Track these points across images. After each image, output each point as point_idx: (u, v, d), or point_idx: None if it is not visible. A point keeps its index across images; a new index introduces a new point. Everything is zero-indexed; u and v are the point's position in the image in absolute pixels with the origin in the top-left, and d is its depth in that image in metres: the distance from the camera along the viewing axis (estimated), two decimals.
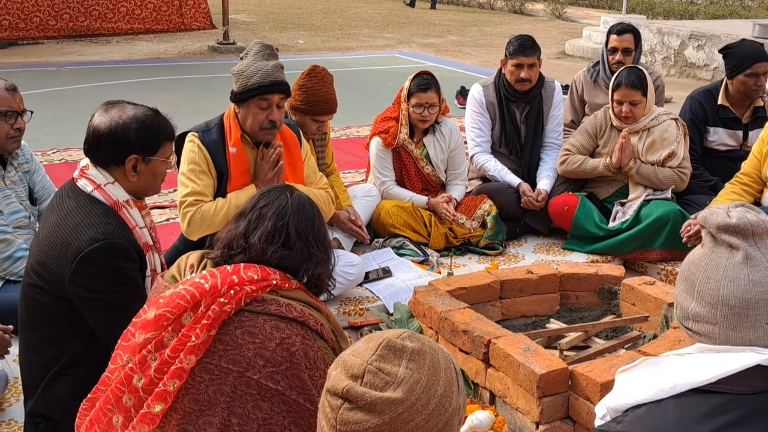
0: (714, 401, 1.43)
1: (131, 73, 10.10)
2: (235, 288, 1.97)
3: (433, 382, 1.36)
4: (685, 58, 10.36)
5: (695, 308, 1.52)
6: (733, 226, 1.50)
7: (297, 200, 2.17)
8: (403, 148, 4.44)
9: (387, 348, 1.37)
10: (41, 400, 2.54)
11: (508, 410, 2.74)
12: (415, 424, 1.32)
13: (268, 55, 3.36)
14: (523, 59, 4.58)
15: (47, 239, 2.53)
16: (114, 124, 2.57)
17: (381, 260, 4.03)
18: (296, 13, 17.50)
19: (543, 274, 3.41)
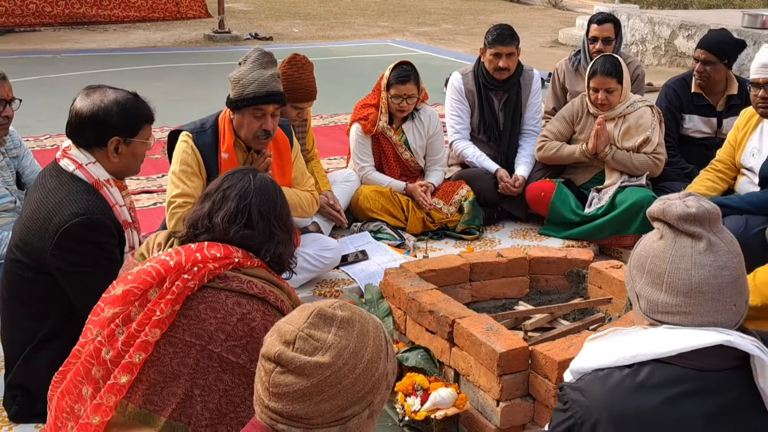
0: (671, 373, 1.52)
1: (127, 61, 10.16)
2: (198, 265, 2.07)
3: (361, 348, 1.46)
4: (675, 47, 10.42)
5: (666, 299, 1.57)
6: (694, 215, 1.57)
7: (260, 182, 2.26)
8: (382, 135, 4.53)
9: (318, 316, 1.47)
10: (20, 373, 2.65)
11: (471, 388, 2.83)
12: (341, 386, 1.43)
13: (266, 63, 3.37)
14: (502, 48, 4.66)
15: (30, 216, 2.64)
16: (96, 107, 2.68)
17: (358, 244, 4.13)
18: (293, 1, 17.52)
19: (513, 258, 3.51)
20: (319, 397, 1.42)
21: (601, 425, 1.54)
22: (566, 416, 1.61)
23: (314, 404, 1.42)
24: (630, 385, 1.54)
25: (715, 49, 4.64)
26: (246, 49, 12.29)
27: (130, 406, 2.06)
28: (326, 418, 1.43)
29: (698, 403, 1.51)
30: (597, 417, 1.54)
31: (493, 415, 2.71)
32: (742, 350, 1.52)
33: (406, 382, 2.82)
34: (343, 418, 1.44)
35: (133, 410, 2.05)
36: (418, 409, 2.75)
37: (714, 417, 1.50)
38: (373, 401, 1.48)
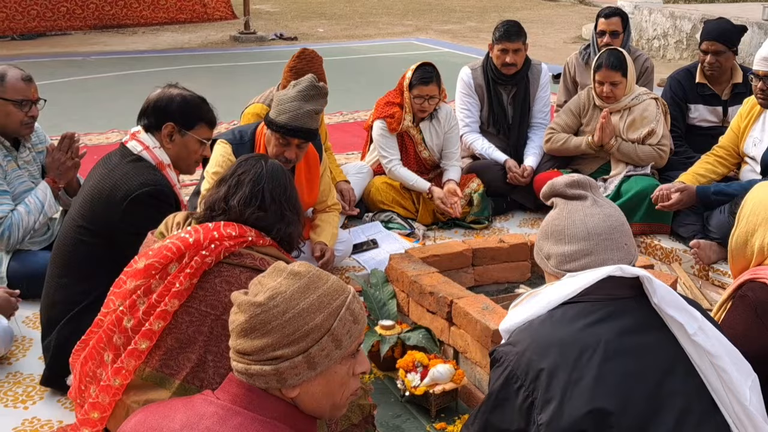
0: (581, 307, 1.80)
1: (155, 62, 10.42)
2: (215, 243, 2.28)
3: (298, 297, 1.64)
4: (697, 41, 10.42)
5: (570, 249, 1.87)
6: (576, 180, 1.93)
7: (271, 168, 2.47)
8: (406, 133, 4.68)
9: (274, 268, 1.71)
10: (63, 332, 2.84)
11: (468, 365, 3.00)
12: (271, 326, 1.62)
13: (312, 96, 3.44)
14: (509, 45, 4.82)
15: (95, 186, 2.88)
16: (163, 95, 2.98)
17: (369, 233, 4.32)
18: (318, 2, 17.75)
19: (514, 243, 3.66)
20: (253, 334, 1.62)
21: (534, 363, 1.74)
22: (502, 369, 1.81)
23: (250, 340, 1.62)
24: (549, 323, 1.81)
25: (723, 38, 4.73)
26: (272, 50, 12.47)
27: (147, 370, 2.26)
28: (259, 355, 1.61)
29: (610, 326, 1.77)
30: (529, 357, 1.75)
31: None
32: (636, 279, 1.79)
33: (407, 359, 2.99)
34: (274, 358, 1.61)
35: (150, 373, 2.26)
36: (418, 385, 2.91)
37: (626, 333, 1.76)
38: (311, 350, 1.62)
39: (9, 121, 3.71)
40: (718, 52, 4.73)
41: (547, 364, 1.74)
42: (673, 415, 1.70)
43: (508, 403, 1.79)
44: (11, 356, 3.24)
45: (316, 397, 1.67)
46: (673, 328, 1.78)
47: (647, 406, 1.70)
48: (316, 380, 1.65)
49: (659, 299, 1.77)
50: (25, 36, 11.82)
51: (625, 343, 1.75)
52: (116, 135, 6.83)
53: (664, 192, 4.23)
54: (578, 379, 1.71)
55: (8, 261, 3.67)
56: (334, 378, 1.68)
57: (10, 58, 10.18)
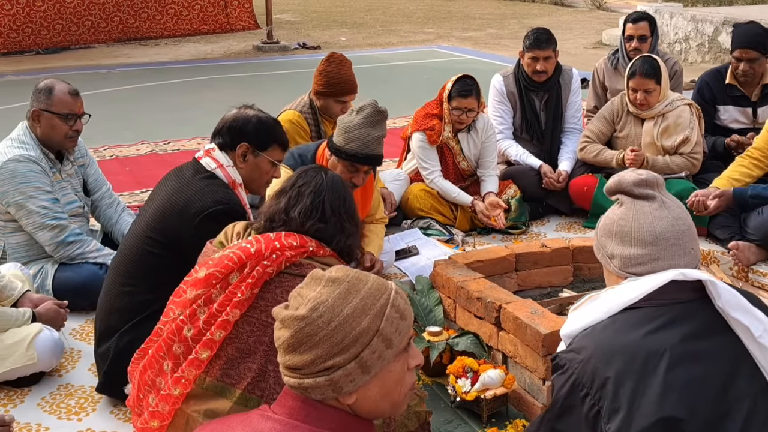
0: (644, 313, 1.77)
1: (179, 73, 10.52)
2: (276, 253, 2.29)
3: (340, 304, 1.59)
4: (719, 44, 10.42)
5: (636, 252, 1.85)
6: (645, 180, 1.88)
7: (331, 180, 2.49)
8: (445, 145, 4.69)
9: (311, 277, 1.67)
10: (123, 340, 2.86)
11: (518, 369, 3.01)
12: (318, 338, 1.57)
13: (377, 122, 3.46)
14: (539, 53, 4.84)
15: (167, 199, 2.92)
16: (239, 115, 3.04)
17: (409, 240, 4.33)
18: (339, 11, 17.84)
19: (556, 248, 3.67)
20: (302, 348, 1.58)
21: (600, 371, 1.73)
22: (567, 376, 1.79)
23: (299, 354, 1.58)
24: (612, 329, 1.78)
25: (756, 45, 4.71)
26: (296, 59, 12.55)
27: (207, 380, 2.28)
28: (311, 368, 1.58)
29: (674, 332, 1.74)
30: (594, 365, 1.74)
31: (540, 393, 2.88)
32: (698, 282, 1.77)
33: (457, 365, 3.00)
34: (326, 368, 1.57)
35: (210, 383, 2.28)
36: (469, 390, 2.92)
37: (690, 338, 1.74)
38: (362, 355, 1.58)
39: (54, 134, 3.76)
40: (752, 59, 4.72)
41: (612, 373, 1.72)
42: (740, 417, 1.69)
43: (575, 411, 1.79)
44: (61, 368, 3.27)
45: (375, 400, 1.64)
46: (738, 331, 1.77)
47: (715, 411, 1.69)
48: (372, 383, 1.62)
49: (723, 302, 1.76)
50: (50, 50, 11.95)
51: (689, 349, 1.73)
52: (146, 146, 6.89)
53: (701, 199, 4.21)
54: (645, 388, 1.70)
55: (54, 273, 3.71)
56: (390, 377, 1.64)
57: (38, 72, 10.33)
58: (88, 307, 3.67)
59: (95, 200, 4.11)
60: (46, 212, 3.67)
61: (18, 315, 3.12)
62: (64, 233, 3.71)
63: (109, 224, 4.13)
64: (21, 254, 3.76)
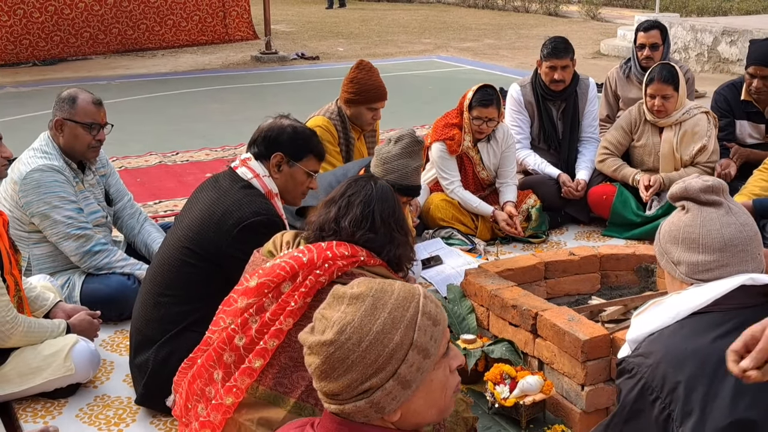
0: (712, 317, 1.78)
1: (178, 84, 10.51)
2: (329, 262, 2.29)
3: (367, 322, 1.51)
4: (718, 53, 10.52)
5: (704, 258, 1.85)
6: (711, 186, 1.89)
7: (381, 189, 2.49)
8: (465, 155, 4.70)
9: (332, 296, 1.58)
10: (162, 351, 2.84)
11: (555, 375, 3.02)
12: (350, 361, 1.49)
13: (415, 152, 3.45)
14: (557, 62, 4.88)
15: (205, 210, 2.90)
16: (275, 125, 3.06)
17: (431, 249, 4.34)
18: (333, 21, 17.88)
19: (584, 255, 3.69)
20: (335, 374, 1.49)
21: (670, 375, 1.74)
22: (635, 380, 1.79)
23: (334, 380, 1.50)
24: (681, 334, 1.78)
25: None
26: (295, 69, 12.52)
27: (260, 389, 2.28)
28: (348, 393, 1.50)
29: None
30: (664, 369, 1.75)
31: (579, 399, 2.90)
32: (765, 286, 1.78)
33: (495, 372, 3.01)
34: (365, 391, 1.49)
35: (263, 392, 2.28)
36: (507, 396, 2.93)
37: None
38: (399, 371, 1.50)
39: (77, 144, 3.75)
40: (766, 76, 4.73)
41: (683, 377, 1.73)
42: None
43: (643, 415, 1.80)
44: (96, 380, 3.25)
45: (421, 411, 1.57)
46: None
47: None
48: (415, 396, 1.54)
49: None
50: (47, 62, 11.91)
51: None
52: (155, 158, 6.88)
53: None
54: (718, 392, 1.71)
55: (81, 284, 3.70)
56: (433, 386, 1.57)
57: (36, 84, 10.31)
58: (117, 318, 3.67)
59: (117, 210, 4.10)
60: (71, 222, 3.66)
61: (53, 326, 3.10)
62: (89, 243, 3.69)
63: (131, 234, 4.12)
64: (46, 265, 3.74)
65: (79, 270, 3.74)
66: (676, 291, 1.92)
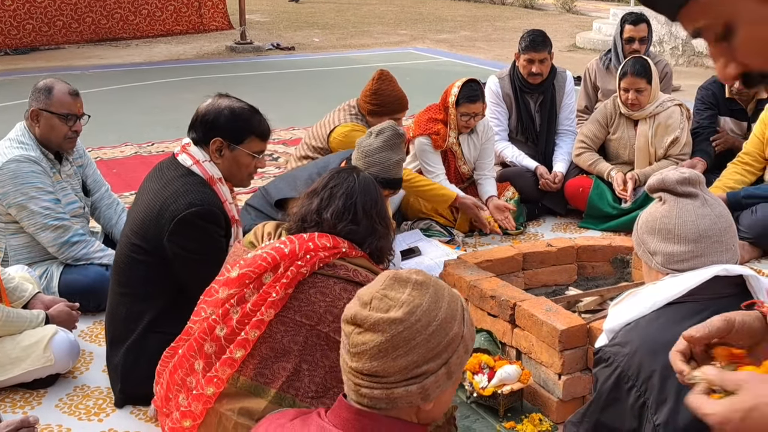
0: (688, 307, 1.83)
1: (154, 74, 10.42)
2: (310, 253, 2.30)
3: (434, 308, 1.56)
4: (692, 47, 10.63)
5: (680, 249, 1.89)
6: (688, 178, 1.93)
7: (363, 181, 2.50)
8: (449, 149, 4.72)
9: (393, 279, 1.61)
10: (129, 357, 2.87)
11: (533, 365, 3.06)
12: (415, 342, 1.53)
13: (396, 145, 3.42)
14: (535, 55, 4.90)
15: (147, 203, 2.86)
16: (211, 108, 2.93)
17: (410, 241, 4.36)
18: (309, 12, 17.82)
19: (561, 247, 3.73)
20: (395, 353, 1.51)
21: (646, 364, 1.78)
22: (612, 369, 1.83)
23: (391, 360, 1.51)
24: (657, 324, 1.82)
25: None
26: (269, 60, 12.45)
27: (241, 379, 2.29)
28: (403, 374, 1.52)
29: None
30: (640, 358, 1.79)
31: (556, 388, 2.94)
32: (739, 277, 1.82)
33: (473, 362, 3.04)
34: (419, 375, 1.52)
35: (244, 382, 2.29)
36: (486, 386, 2.97)
37: None
38: (450, 360, 1.56)
39: (53, 135, 3.72)
40: None
41: (659, 366, 1.76)
42: None
43: (619, 403, 1.83)
44: (74, 370, 3.24)
45: (444, 405, 1.61)
46: None
47: None
48: (449, 389, 1.60)
49: (765, 297, 1.81)
50: (18, 51, 11.75)
51: None
52: (131, 148, 6.84)
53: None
54: None
55: (59, 275, 3.68)
56: (458, 382, 1.64)
57: (8, 73, 10.18)
58: (95, 309, 3.65)
59: (95, 201, 4.08)
60: (49, 213, 3.63)
61: (32, 317, 3.09)
62: (67, 234, 3.67)
63: (109, 225, 4.10)
64: (23, 256, 3.71)
65: (57, 261, 3.72)
66: (653, 281, 1.96)
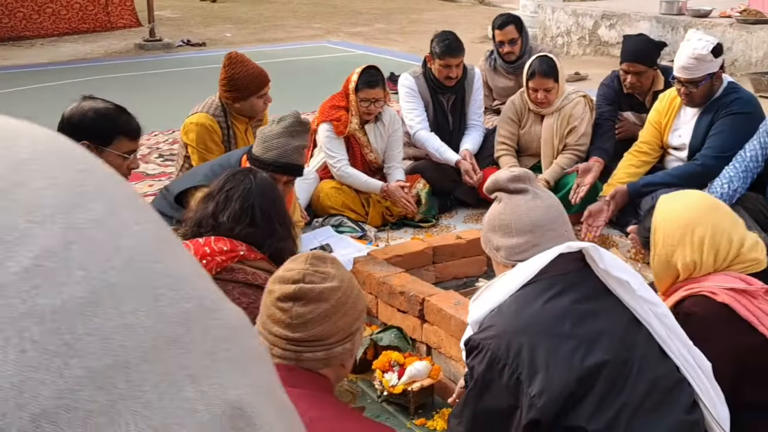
0: (540, 285, 1.95)
1: (59, 75, 10.05)
2: (207, 258, 2.25)
3: (351, 278, 1.80)
4: (599, 37, 10.86)
5: (518, 241, 2.03)
6: (518, 175, 2.08)
7: (260, 183, 2.45)
8: (353, 136, 4.70)
9: (314, 257, 1.78)
10: None
11: (443, 360, 3.06)
12: (349, 304, 1.74)
13: (297, 132, 3.37)
14: (451, 60, 4.86)
15: None
16: (76, 110, 2.82)
17: (321, 238, 4.31)
18: (221, 7, 17.52)
19: (471, 239, 3.76)
20: (336, 316, 1.71)
21: (513, 341, 1.87)
22: (483, 354, 1.91)
23: (332, 323, 1.71)
24: (517, 304, 1.93)
25: (643, 59, 4.78)
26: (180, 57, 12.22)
27: None
28: (342, 334, 1.72)
29: (570, 296, 1.93)
30: (508, 338, 1.88)
31: None
32: (580, 252, 1.95)
33: (383, 360, 3.02)
34: (351, 333, 1.76)
35: None
36: (396, 384, 2.95)
37: (584, 300, 1.93)
38: (363, 322, 1.84)
39: None
40: (639, 72, 4.80)
41: (525, 341, 1.86)
42: (637, 363, 1.87)
43: (494, 384, 1.90)
44: None
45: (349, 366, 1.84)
46: (618, 290, 1.94)
47: (619, 358, 1.86)
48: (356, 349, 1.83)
49: (606, 264, 1.92)
50: None
51: (586, 308, 1.92)
52: None
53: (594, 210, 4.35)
54: (558, 347, 1.85)
55: None
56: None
57: None
58: None
59: None
60: None
61: None
62: None
63: None
64: None
65: None
66: (502, 274, 2.06)
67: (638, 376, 1.85)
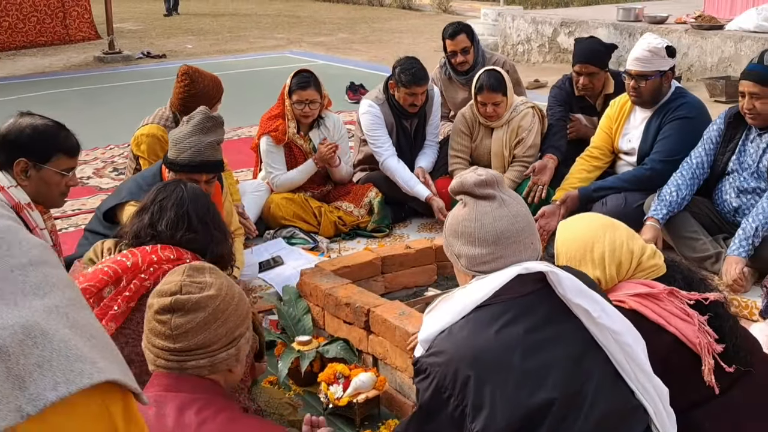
0: (493, 310, 1.84)
1: (18, 89, 9.94)
2: (154, 266, 2.27)
3: (230, 285, 1.83)
4: (558, 44, 10.95)
5: (480, 252, 1.90)
6: (485, 180, 1.92)
7: (191, 190, 2.47)
8: (293, 143, 4.68)
9: (191, 269, 1.82)
10: None
11: (389, 370, 3.03)
12: (229, 311, 1.78)
13: (209, 128, 3.27)
14: (417, 89, 4.73)
15: None
16: (13, 127, 2.77)
17: (273, 250, 4.28)
18: (183, 17, 17.43)
19: (420, 248, 3.74)
20: (216, 324, 1.75)
21: (461, 371, 1.79)
22: (429, 381, 1.84)
23: (213, 331, 1.75)
24: (467, 330, 1.84)
25: (594, 61, 4.81)
26: (140, 69, 12.14)
27: None
28: (224, 341, 1.76)
29: (520, 324, 1.83)
30: (455, 366, 1.80)
31: (411, 392, 2.92)
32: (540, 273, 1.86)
33: (328, 372, 2.99)
34: (234, 339, 1.79)
35: None
36: (341, 396, 2.92)
37: (539, 328, 1.83)
38: (249, 327, 1.86)
39: None
40: (591, 73, 4.83)
41: (473, 372, 1.78)
42: (591, 394, 1.80)
43: (439, 414, 1.83)
44: None
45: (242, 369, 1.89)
46: (579, 314, 1.86)
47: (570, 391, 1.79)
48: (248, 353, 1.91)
49: (564, 289, 1.84)
50: None
51: (539, 337, 1.82)
52: None
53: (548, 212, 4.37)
54: (505, 382, 1.77)
55: None
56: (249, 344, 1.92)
57: None
58: None
59: None
60: None
61: None
62: None
63: None
64: None
65: None
66: (463, 281, 1.98)
67: (591, 408, 1.78)
